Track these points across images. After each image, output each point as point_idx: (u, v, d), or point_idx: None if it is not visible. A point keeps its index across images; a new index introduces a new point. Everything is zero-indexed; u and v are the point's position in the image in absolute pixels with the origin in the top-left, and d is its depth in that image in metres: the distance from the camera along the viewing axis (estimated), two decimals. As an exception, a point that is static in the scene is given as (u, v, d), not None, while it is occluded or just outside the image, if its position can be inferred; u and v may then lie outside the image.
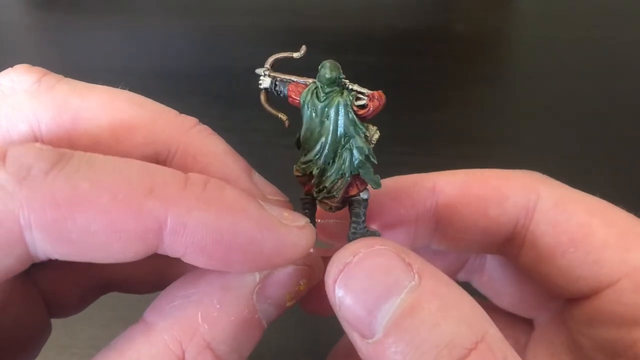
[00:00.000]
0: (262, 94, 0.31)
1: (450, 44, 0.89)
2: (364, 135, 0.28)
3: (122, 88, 0.30)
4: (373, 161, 0.29)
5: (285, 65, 0.30)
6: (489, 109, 0.78)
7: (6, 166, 0.22)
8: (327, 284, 0.26)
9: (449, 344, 0.23)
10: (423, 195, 0.34)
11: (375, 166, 0.29)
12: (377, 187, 0.29)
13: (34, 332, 0.34)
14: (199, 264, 0.25)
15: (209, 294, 0.26)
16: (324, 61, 0.28)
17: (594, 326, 0.33)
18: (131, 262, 0.24)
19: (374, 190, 0.29)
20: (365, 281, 0.25)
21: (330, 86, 0.28)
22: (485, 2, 0.99)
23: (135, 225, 0.23)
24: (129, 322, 0.27)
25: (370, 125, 0.29)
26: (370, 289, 0.25)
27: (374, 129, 0.29)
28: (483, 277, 0.40)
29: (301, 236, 0.26)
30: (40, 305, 0.34)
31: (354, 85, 0.28)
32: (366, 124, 0.28)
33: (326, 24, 0.91)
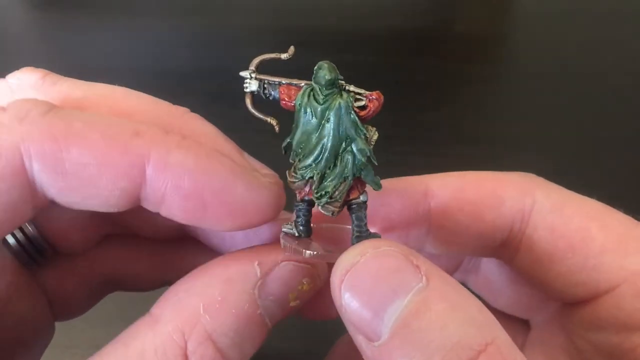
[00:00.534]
0: (247, 97, 0.30)
1: (450, 44, 0.89)
2: (364, 136, 0.28)
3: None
4: (374, 162, 0.28)
5: (270, 66, 0.29)
6: (488, 109, 0.78)
7: (7, 111, 0.26)
8: (333, 284, 0.26)
9: (457, 345, 0.23)
10: (415, 200, 0.34)
11: (375, 167, 0.28)
12: (378, 188, 0.28)
13: (37, 332, 0.34)
14: (176, 217, 0.27)
15: (211, 286, 0.27)
16: (320, 62, 0.27)
17: (592, 330, 0.32)
18: (131, 258, 0.25)
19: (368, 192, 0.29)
20: (372, 282, 0.25)
21: (329, 88, 0.27)
22: (485, 2, 0.99)
23: (121, 159, 0.26)
24: (130, 322, 0.27)
25: (369, 126, 0.28)
26: (376, 289, 0.25)
27: (373, 129, 0.28)
28: (478, 278, 0.40)
29: (273, 187, 0.28)
30: (44, 306, 0.34)
31: (350, 86, 0.28)
32: (366, 125, 0.28)
33: (326, 23, 0.91)
